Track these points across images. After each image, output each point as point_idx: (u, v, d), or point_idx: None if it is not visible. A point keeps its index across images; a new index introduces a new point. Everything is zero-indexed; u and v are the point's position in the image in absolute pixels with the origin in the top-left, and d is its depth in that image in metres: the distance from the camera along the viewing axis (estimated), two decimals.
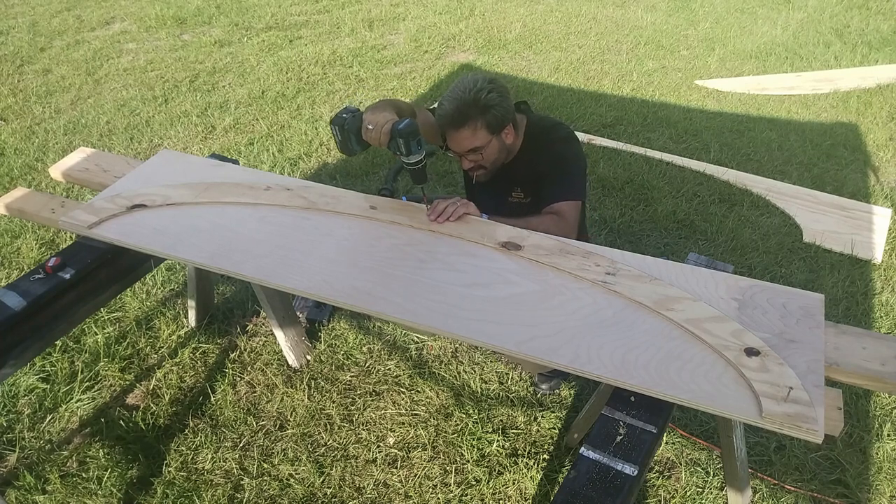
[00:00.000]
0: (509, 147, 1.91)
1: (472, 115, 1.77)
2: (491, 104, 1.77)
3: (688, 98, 4.49)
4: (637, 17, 6.02)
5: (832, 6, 6.30)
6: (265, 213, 1.75)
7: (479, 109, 1.76)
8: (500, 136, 1.85)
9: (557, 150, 1.90)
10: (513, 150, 1.94)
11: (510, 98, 1.85)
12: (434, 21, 5.84)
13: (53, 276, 1.64)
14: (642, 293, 1.44)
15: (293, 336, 2.33)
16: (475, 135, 1.80)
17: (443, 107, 1.80)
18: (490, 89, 1.77)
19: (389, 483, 1.99)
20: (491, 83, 1.78)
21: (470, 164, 1.89)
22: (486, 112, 1.77)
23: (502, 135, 1.85)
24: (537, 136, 1.94)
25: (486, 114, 1.77)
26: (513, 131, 1.89)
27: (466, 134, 1.80)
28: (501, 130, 1.84)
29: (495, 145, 1.85)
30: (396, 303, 1.46)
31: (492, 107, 1.77)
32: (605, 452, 1.19)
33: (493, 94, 1.77)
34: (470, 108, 1.76)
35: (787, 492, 1.96)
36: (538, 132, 1.95)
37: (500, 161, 1.92)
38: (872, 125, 4.16)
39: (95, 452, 2.06)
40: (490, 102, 1.77)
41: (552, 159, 1.88)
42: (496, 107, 1.78)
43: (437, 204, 1.71)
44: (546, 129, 1.96)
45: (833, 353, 1.34)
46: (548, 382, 2.25)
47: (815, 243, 3.02)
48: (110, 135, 3.96)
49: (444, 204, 1.71)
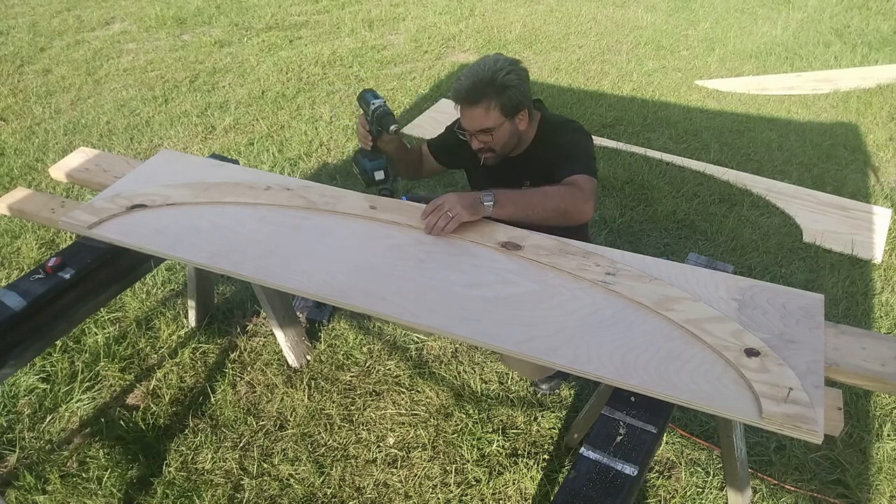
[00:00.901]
0: (521, 135, 1.86)
1: (488, 93, 1.72)
2: (508, 85, 1.71)
3: (688, 98, 4.49)
4: (637, 17, 6.02)
5: (832, 6, 6.30)
6: (265, 213, 1.75)
7: (496, 89, 1.71)
8: (514, 120, 1.80)
9: (568, 139, 1.85)
10: (525, 140, 1.89)
11: (529, 84, 1.80)
12: (434, 21, 5.84)
13: (53, 276, 1.64)
14: (642, 293, 1.44)
15: (293, 336, 2.33)
16: (488, 114, 1.75)
17: (459, 81, 1.75)
18: (509, 70, 1.72)
19: (389, 483, 1.99)
20: (512, 65, 1.74)
21: (480, 144, 1.84)
22: (501, 92, 1.72)
23: (516, 119, 1.80)
24: (549, 131, 1.90)
25: (502, 94, 1.72)
26: (527, 118, 1.83)
27: (479, 112, 1.76)
28: (516, 114, 1.79)
29: (507, 129, 1.80)
30: (396, 303, 1.46)
31: (508, 88, 1.72)
32: (605, 452, 1.19)
33: (511, 76, 1.72)
34: (486, 87, 1.71)
35: (788, 492, 1.96)
36: (550, 128, 1.91)
37: (511, 147, 1.87)
38: (872, 125, 4.16)
39: (95, 452, 2.06)
40: (508, 83, 1.71)
41: (562, 147, 1.82)
42: (513, 88, 1.72)
43: (428, 217, 1.63)
44: (558, 124, 1.92)
45: (833, 353, 1.34)
46: (548, 382, 2.25)
47: (815, 243, 3.02)
48: (110, 135, 3.96)
49: (436, 217, 1.62)
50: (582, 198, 1.64)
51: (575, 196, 1.63)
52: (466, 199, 1.63)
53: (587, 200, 1.64)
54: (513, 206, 1.64)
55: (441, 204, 1.63)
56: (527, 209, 1.64)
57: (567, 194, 1.64)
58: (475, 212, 1.63)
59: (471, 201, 1.62)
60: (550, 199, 1.64)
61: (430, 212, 1.65)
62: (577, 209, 1.63)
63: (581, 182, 1.67)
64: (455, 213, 1.61)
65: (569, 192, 1.64)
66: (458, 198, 1.63)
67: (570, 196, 1.63)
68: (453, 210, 1.61)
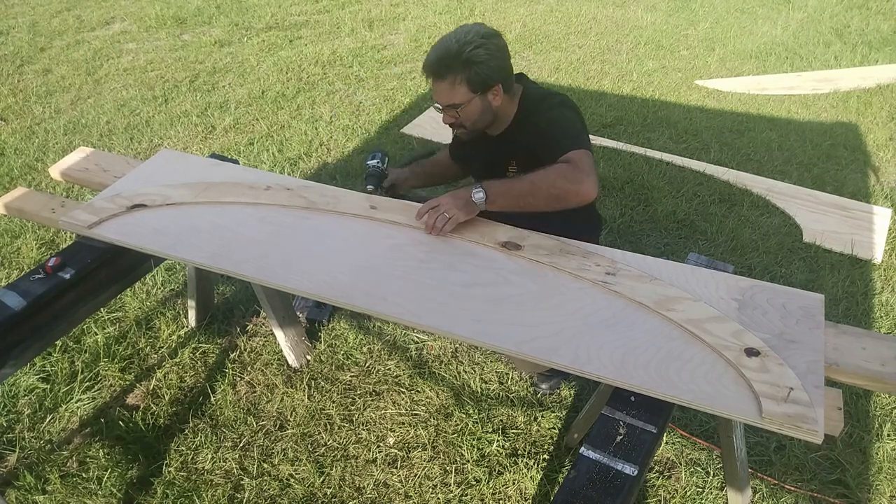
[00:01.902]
0: (498, 111, 1.77)
1: (454, 68, 1.64)
2: (476, 60, 1.62)
3: (688, 98, 4.49)
4: (637, 16, 6.02)
5: (832, 6, 6.30)
6: (265, 213, 1.75)
7: (462, 63, 1.63)
8: (486, 96, 1.71)
9: (552, 115, 1.73)
10: (504, 116, 1.80)
11: (506, 58, 1.70)
12: (434, 21, 5.84)
13: (53, 276, 1.64)
14: (642, 293, 1.44)
15: (293, 336, 2.32)
16: (454, 89, 1.68)
17: (428, 53, 1.68)
18: (479, 44, 1.62)
19: (389, 483, 1.99)
20: (484, 38, 1.64)
21: (450, 119, 1.77)
22: (468, 67, 1.63)
23: (488, 95, 1.71)
24: (530, 107, 1.79)
25: (468, 70, 1.63)
26: (502, 94, 1.73)
27: (445, 87, 1.68)
28: (487, 90, 1.69)
29: (477, 105, 1.71)
30: (396, 303, 1.46)
31: (476, 63, 1.62)
32: (606, 452, 1.19)
33: (480, 51, 1.61)
34: (452, 61, 1.63)
35: (788, 492, 1.96)
36: (531, 103, 1.80)
37: (485, 123, 1.79)
38: (872, 125, 4.16)
39: (95, 452, 2.06)
40: (475, 58, 1.62)
41: (546, 125, 1.71)
42: (481, 64, 1.63)
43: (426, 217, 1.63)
44: (539, 98, 1.79)
45: (833, 353, 1.34)
46: (547, 382, 2.25)
47: (815, 243, 3.02)
48: (110, 135, 3.96)
49: (433, 218, 1.62)
50: (577, 177, 1.51)
51: (568, 177, 1.52)
52: (460, 199, 1.61)
53: (584, 179, 1.51)
54: (503, 199, 1.59)
55: (437, 205, 1.63)
56: (518, 200, 1.58)
57: (559, 178, 1.52)
58: (470, 211, 1.62)
59: (465, 201, 1.61)
60: (541, 187, 1.54)
61: (425, 212, 1.64)
62: (574, 191, 1.51)
63: (574, 158, 1.55)
64: (451, 214, 1.61)
65: (560, 175, 1.53)
66: (452, 199, 1.62)
67: (563, 179, 1.52)
68: (450, 211, 1.61)
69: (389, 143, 3.80)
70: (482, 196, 1.59)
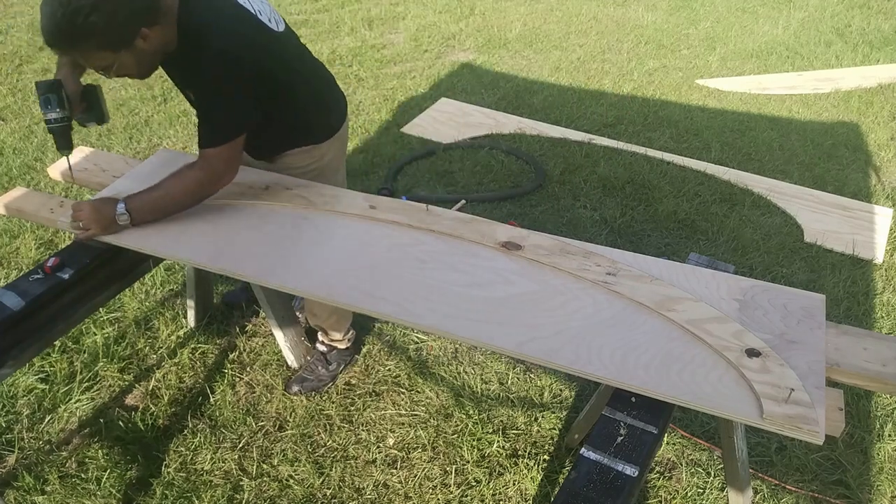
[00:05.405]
0: (157, 48, 1.54)
1: (74, 43, 1.42)
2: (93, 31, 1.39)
3: (689, 97, 4.48)
4: (638, 16, 6.01)
5: (833, 5, 6.30)
6: (265, 213, 1.74)
7: (80, 37, 1.41)
8: (132, 47, 1.48)
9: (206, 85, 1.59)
10: (167, 47, 1.57)
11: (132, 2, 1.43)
12: (434, 20, 5.83)
13: (52, 277, 1.63)
14: (643, 294, 1.44)
15: (293, 336, 2.32)
16: (90, 58, 1.49)
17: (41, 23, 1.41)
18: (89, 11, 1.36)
19: (389, 484, 1.99)
20: None
21: (113, 76, 1.56)
22: (89, 38, 1.41)
23: (135, 45, 1.48)
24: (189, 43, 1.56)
25: (90, 40, 1.42)
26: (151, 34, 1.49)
27: (77, 57, 1.52)
28: (128, 45, 1.48)
29: (129, 58, 1.51)
30: (396, 303, 1.46)
31: (94, 34, 1.40)
32: (606, 453, 1.18)
33: (94, 17, 1.37)
34: (69, 38, 1.41)
35: (789, 492, 1.95)
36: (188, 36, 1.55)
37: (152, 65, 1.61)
38: (874, 125, 4.15)
39: (94, 453, 2.06)
40: (90, 28, 1.39)
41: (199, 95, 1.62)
42: (105, 28, 1.40)
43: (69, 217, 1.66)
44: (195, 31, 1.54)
45: (834, 353, 1.33)
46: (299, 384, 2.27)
47: (817, 243, 3.02)
48: (109, 134, 3.95)
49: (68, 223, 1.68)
50: (212, 179, 1.65)
51: (203, 183, 1.65)
52: (103, 216, 1.64)
53: (218, 179, 1.66)
54: (149, 213, 1.68)
55: (77, 213, 1.66)
56: (164, 212, 1.69)
57: (195, 185, 1.65)
58: (110, 229, 1.66)
59: (108, 221, 1.65)
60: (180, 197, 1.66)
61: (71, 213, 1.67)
62: (211, 191, 1.69)
63: (211, 157, 1.63)
64: (88, 227, 1.65)
65: (195, 182, 1.65)
66: (95, 212, 1.64)
67: (198, 185, 1.65)
68: (86, 223, 1.65)
69: (389, 143, 3.80)
70: (127, 218, 1.65)
